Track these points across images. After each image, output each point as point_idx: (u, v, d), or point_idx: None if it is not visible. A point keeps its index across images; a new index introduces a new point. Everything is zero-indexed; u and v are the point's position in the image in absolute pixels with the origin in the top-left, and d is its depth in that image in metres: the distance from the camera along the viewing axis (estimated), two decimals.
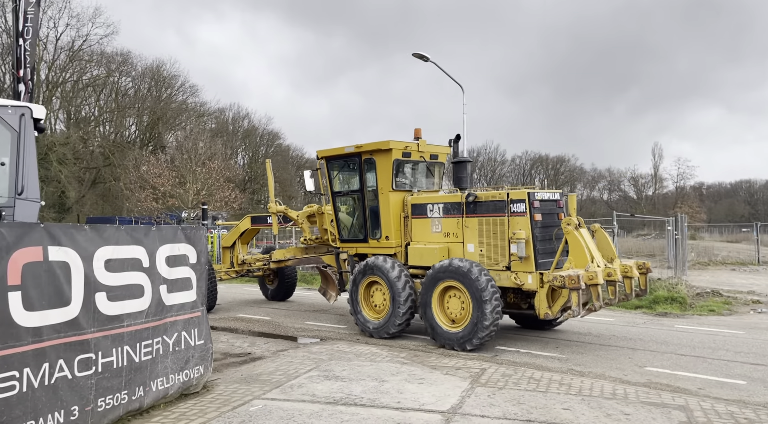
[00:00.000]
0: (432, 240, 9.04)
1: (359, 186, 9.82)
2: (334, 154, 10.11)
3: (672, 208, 65.04)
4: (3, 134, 5.15)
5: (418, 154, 9.74)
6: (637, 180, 76.92)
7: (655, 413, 5.20)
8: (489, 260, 8.34)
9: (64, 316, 4.53)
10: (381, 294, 9.14)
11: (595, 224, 8.69)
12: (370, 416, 5.14)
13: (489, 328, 7.67)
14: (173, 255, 5.76)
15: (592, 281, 7.22)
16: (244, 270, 13.27)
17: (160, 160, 28.65)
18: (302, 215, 11.74)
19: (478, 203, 8.48)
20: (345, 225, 10.34)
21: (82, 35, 43.30)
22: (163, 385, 5.49)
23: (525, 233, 7.86)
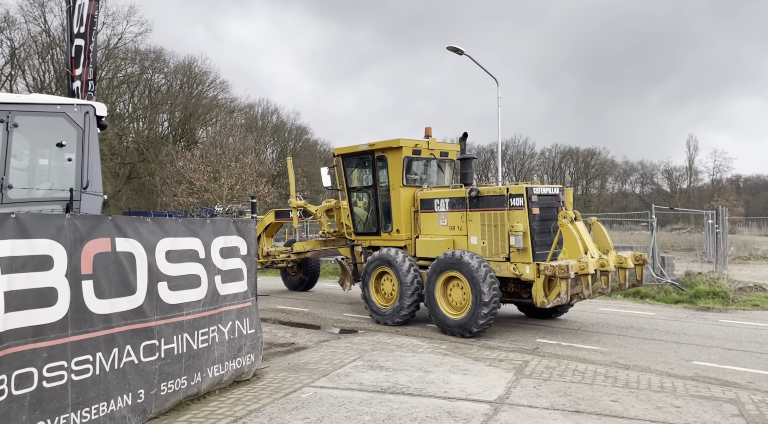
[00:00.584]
0: (439, 233, 9.52)
1: (372, 182, 10.36)
2: (349, 152, 10.70)
3: (708, 202, 63.42)
4: (69, 131, 5.40)
5: (428, 152, 10.23)
6: (671, 173, 75.20)
7: (705, 406, 5.19)
8: (490, 252, 8.76)
9: (130, 304, 4.76)
10: (390, 283, 9.67)
11: (592, 217, 9.06)
12: (419, 405, 5.26)
13: (488, 315, 8.13)
14: (226, 247, 5.96)
15: (583, 270, 7.61)
16: (269, 262, 13.88)
17: (195, 156, 29.19)
18: (320, 209, 12.21)
19: (480, 198, 8.90)
20: (359, 219, 10.89)
21: (117, 33, 44.32)
22: (218, 371, 5.70)
23: (523, 225, 8.27)
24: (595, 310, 11.10)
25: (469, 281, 8.28)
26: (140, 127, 51.73)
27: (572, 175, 78.44)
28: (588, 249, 8.00)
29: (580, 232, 8.07)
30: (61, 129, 5.45)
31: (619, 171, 79.97)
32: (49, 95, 6.20)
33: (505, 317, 10.28)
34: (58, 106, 5.46)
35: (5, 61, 41.18)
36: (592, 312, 10.83)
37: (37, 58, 42.86)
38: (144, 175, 45.91)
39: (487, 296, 8.09)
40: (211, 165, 28.05)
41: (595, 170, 77.74)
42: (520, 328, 9.29)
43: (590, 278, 7.75)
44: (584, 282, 7.75)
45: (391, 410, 5.11)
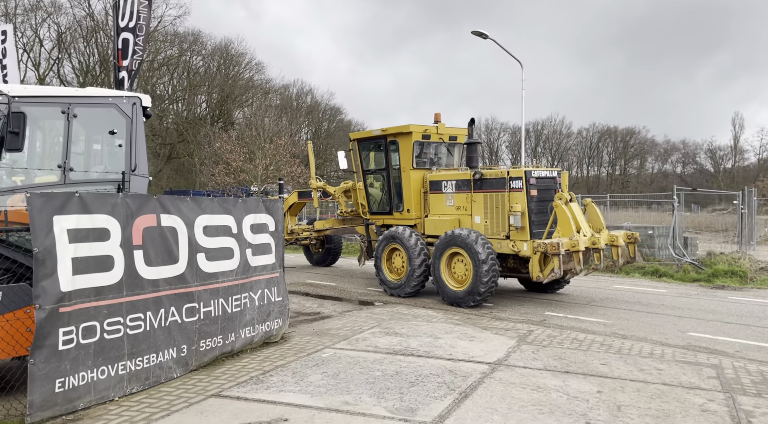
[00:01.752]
0: (446, 212, 10.26)
1: (385, 165, 11.05)
2: (363, 136, 11.52)
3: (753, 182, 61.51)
4: (119, 120, 6.16)
5: (438, 136, 10.86)
6: (714, 152, 72.84)
7: (686, 369, 5.68)
8: (492, 230, 9.44)
9: (174, 271, 5.52)
10: (400, 259, 10.44)
11: (587, 198, 9.65)
12: (425, 364, 5.91)
13: (487, 285, 8.83)
14: (256, 223, 6.68)
15: (574, 248, 8.27)
16: (293, 239, 14.74)
17: (231, 137, 30.23)
18: (339, 190, 12.99)
19: (483, 180, 9.55)
20: (374, 199, 11.65)
21: (156, 17, 45.56)
22: (249, 333, 6.47)
23: (521, 206, 8.92)
24: (609, 287, 11.50)
25: (470, 257, 8.96)
26: (179, 108, 53.34)
27: (610, 154, 76.91)
28: (581, 228, 8.60)
29: (574, 212, 8.66)
30: (112, 118, 6.22)
31: (659, 151, 77.95)
32: (102, 89, 6.96)
33: (517, 292, 10.81)
34: (110, 98, 6.23)
35: (53, 46, 43.02)
36: (606, 289, 11.24)
37: (82, 41, 44.60)
38: (183, 155, 47.56)
39: (486, 270, 8.76)
40: (246, 146, 29.03)
41: (635, 150, 75.95)
42: (531, 302, 9.81)
43: (581, 255, 8.36)
44: (576, 258, 8.36)
45: (399, 368, 5.78)
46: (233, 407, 4.68)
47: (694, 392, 4.99)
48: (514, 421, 4.36)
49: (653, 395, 4.91)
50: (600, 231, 9.08)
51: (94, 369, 4.72)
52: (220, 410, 4.62)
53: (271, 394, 5.00)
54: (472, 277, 8.95)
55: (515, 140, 75.95)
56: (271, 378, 5.46)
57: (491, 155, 73.94)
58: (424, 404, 4.72)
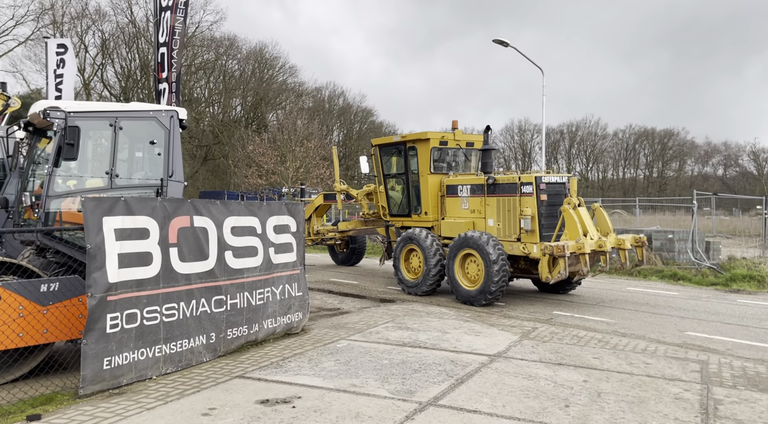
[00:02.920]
0: (461, 215, 10.76)
1: (404, 169, 11.62)
2: (384, 142, 12.18)
3: None
4: (159, 131, 6.91)
5: (455, 143, 11.41)
6: (758, 155, 70.67)
7: (673, 364, 6.08)
8: (504, 233, 9.92)
9: (204, 267, 6.22)
10: (417, 259, 10.96)
11: (595, 203, 10.02)
12: (430, 355, 6.45)
13: (498, 284, 9.28)
14: (279, 224, 7.34)
15: (580, 250, 8.65)
16: (319, 239, 15.43)
17: (264, 140, 31.26)
18: (361, 193, 13.65)
19: (496, 185, 10.03)
20: (394, 202, 12.21)
21: (194, 23, 47.21)
22: (272, 324, 7.13)
23: (531, 210, 9.38)
24: (622, 289, 11.80)
25: (482, 258, 9.45)
26: (215, 111, 55.05)
27: (647, 157, 75.57)
28: (587, 231, 8.97)
29: (581, 216, 9.04)
30: (152, 130, 6.96)
31: (699, 153, 76.10)
32: (144, 103, 7.72)
33: (529, 292, 11.22)
34: (151, 112, 6.98)
35: (97, 52, 45.06)
36: (618, 291, 11.54)
37: (125, 47, 46.59)
38: (218, 157, 49.11)
39: (496, 271, 9.24)
40: (278, 149, 29.98)
41: (673, 152, 74.35)
42: (541, 301, 10.22)
43: (587, 257, 8.75)
44: (582, 260, 8.76)
45: (406, 358, 6.34)
46: (254, 386, 5.33)
47: (673, 383, 5.40)
48: (501, 403, 4.88)
49: (634, 385, 5.34)
50: (607, 235, 9.43)
51: (135, 351, 5.44)
52: (243, 389, 5.27)
53: (288, 376, 5.63)
54: (484, 277, 9.43)
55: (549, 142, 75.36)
56: (290, 364, 6.09)
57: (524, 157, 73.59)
58: (423, 388, 5.27)
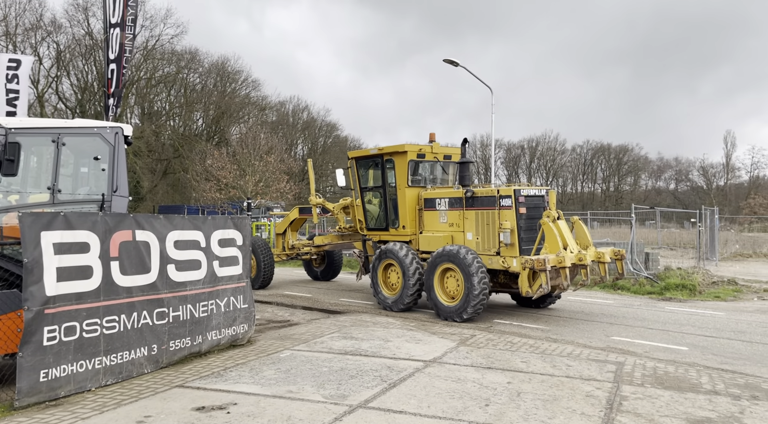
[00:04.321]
0: (439, 229, 10.60)
1: (381, 182, 11.46)
2: (361, 155, 11.94)
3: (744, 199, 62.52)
4: (103, 148, 7.05)
5: (432, 155, 11.28)
6: (706, 170, 73.90)
7: (592, 365, 6.51)
8: (483, 247, 9.77)
9: (146, 280, 6.37)
10: (395, 274, 10.76)
11: (574, 216, 9.95)
12: (369, 362, 6.73)
13: (478, 298, 9.10)
14: (224, 238, 7.53)
15: (560, 264, 8.52)
16: (294, 254, 15.27)
17: (223, 154, 31.20)
18: (337, 206, 13.47)
19: (475, 198, 9.90)
20: (371, 215, 12.04)
21: (155, 35, 46.89)
22: (216, 336, 7.29)
23: (510, 223, 9.27)
24: (563, 299, 12.32)
25: (462, 273, 9.26)
26: (176, 124, 54.51)
27: (604, 171, 78.16)
28: (567, 245, 8.89)
29: (561, 229, 8.95)
30: (97, 146, 7.11)
31: (653, 168, 79.20)
32: (88, 120, 7.83)
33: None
34: (95, 128, 7.13)
35: (51, 64, 44.13)
36: (559, 300, 12.04)
37: (81, 59, 45.81)
38: (179, 171, 48.54)
39: (477, 286, 9.06)
40: (237, 163, 29.97)
41: (628, 167, 77.18)
42: (485, 310, 10.61)
43: (568, 271, 8.65)
44: (563, 274, 8.65)
45: (345, 365, 6.59)
46: (192, 395, 5.50)
47: (588, 383, 5.82)
48: (426, 403, 5.19)
49: (552, 385, 5.74)
50: (587, 248, 9.35)
51: (74, 363, 5.54)
52: (180, 397, 5.43)
53: (227, 385, 5.82)
54: (464, 292, 9.23)
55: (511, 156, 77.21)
56: (230, 373, 6.27)
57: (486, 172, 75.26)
58: (356, 392, 5.54)
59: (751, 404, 5.26)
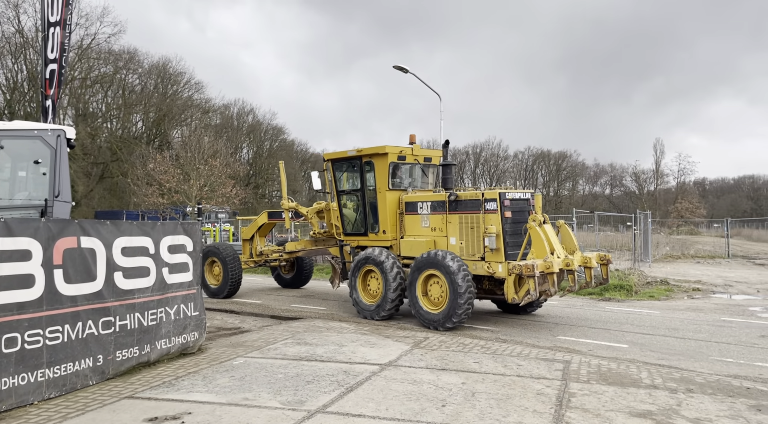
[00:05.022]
0: (421, 234, 10.20)
1: (360, 185, 11.03)
2: (338, 157, 11.40)
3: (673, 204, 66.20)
4: (44, 151, 6.73)
5: (413, 158, 10.92)
6: (639, 176, 77.79)
7: (541, 364, 6.77)
8: (467, 252, 9.44)
9: (92, 288, 6.13)
10: (376, 281, 10.31)
11: (560, 220, 9.72)
12: (325, 367, 6.72)
13: (463, 307, 8.72)
14: (174, 244, 7.34)
15: (548, 269, 8.28)
16: (262, 260, 14.51)
17: (165, 158, 30.27)
18: (312, 211, 12.91)
19: (459, 202, 9.58)
20: (348, 220, 11.55)
21: (90, 34, 44.99)
22: (166, 344, 7.09)
23: (496, 227, 8.96)
24: None
25: (446, 279, 8.90)
26: (113, 126, 52.40)
27: (544, 177, 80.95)
28: (554, 250, 8.62)
29: (548, 234, 8.70)
30: (37, 149, 6.78)
31: (589, 173, 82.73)
32: (29, 122, 7.45)
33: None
34: (36, 131, 6.80)
35: None
36: None
37: (11, 58, 43.34)
38: (117, 175, 46.67)
39: (462, 292, 8.67)
40: (181, 167, 29.16)
41: (567, 172, 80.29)
42: None
43: (556, 277, 8.37)
44: (550, 280, 8.35)
45: (300, 371, 6.56)
46: (143, 406, 5.33)
47: (538, 381, 6.05)
48: (384, 406, 5.25)
49: (505, 384, 5.93)
50: (573, 253, 9.13)
51: (15, 376, 5.26)
52: (131, 408, 5.25)
53: (180, 394, 5.67)
54: (448, 299, 8.88)
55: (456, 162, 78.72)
56: (182, 382, 6.12)
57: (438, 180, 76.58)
58: (314, 397, 5.53)
59: (687, 396, 5.61)
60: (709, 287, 14.82)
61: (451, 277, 8.84)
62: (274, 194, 69.12)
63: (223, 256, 13.28)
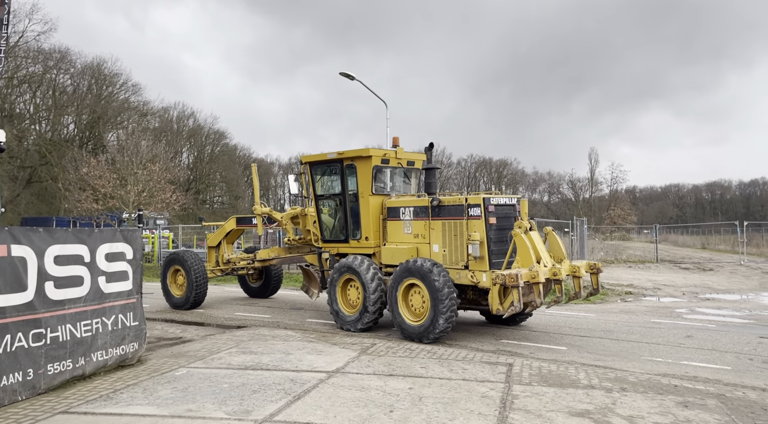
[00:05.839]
0: (404, 241, 9.69)
1: (341, 190, 10.45)
2: (317, 159, 10.79)
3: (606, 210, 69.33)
4: None
5: (396, 161, 10.43)
6: (575, 183, 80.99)
7: (486, 367, 6.94)
8: (451, 260, 8.93)
9: (22, 299, 5.82)
10: (356, 291, 9.80)
11: (547, 227, 9.27)
12: (271, 376, 6.62)
13: (446, 320, 8.25)
14: (112, 252, 7.06)
15: (534, 279, 7.81)
16: (229, 269, 13.79)
17: (101, 162, 28.97)
18: (286, 216, 12.30)
19: (442, 207, 9.10)
20: (327, 226, 10.99)
21: (18, 32, 42.61)
22: (102, 356, 6.79)
23: (480, 235, 8.46)
24: None
25: (428, 289, 8.43)
26: (42, 128, 49.70)
27: (486, 184, 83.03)
28: (541, 258, 8.17)
29: (534, 241, 8.26)
30: None
31: (529, 181, 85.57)
32: None
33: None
34: None
35: None
36: None
37: None
38: (46, 179, 44.27)
39: (444, 303, 8.22)
40: (117, 172, 28.01)
41: (508, 180, 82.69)
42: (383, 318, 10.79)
43: (542, 287, 7.92)
44: (536, 290, 7.88)
45: (246, 380, 6.43)
46: (80, 420, 5.09)
47: (483, 384, 6.20)
48: (332, 413, 5.23)
49: (451, 388, 6.04)
50: (561, 261, 8.71)
51: None
52: None
53: (119, 408, 5.45)
54: (430, 310, 8.40)
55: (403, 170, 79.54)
56: (121, 395, 5.88)
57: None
58: (260, 407, 5.44)
59: (621, 395, 5.90)
60: (640, 291, 15.63)
61: (432, 286, 8.38)
62: (216, 200, 67.49)
63: (187, 264, 12.52)
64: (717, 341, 8.84)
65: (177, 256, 12.91)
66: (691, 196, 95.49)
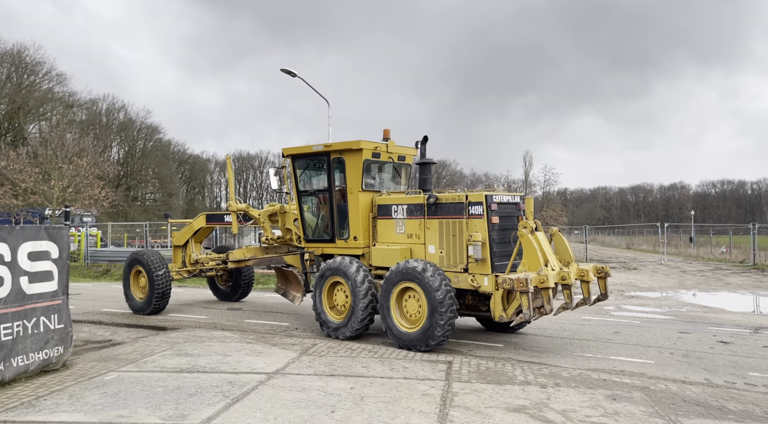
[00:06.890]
0: (396, 241, 9.03)
1: (327, 185, 9.63)
2: (301, 152, 9.92)
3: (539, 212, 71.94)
4: None
5: (387, 155, 9.70)
6: (510, 185, 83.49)
7: (426, 365, 7.04)
8: (448, 262, 8.33)
9: None
10: (343, 295, 9.02)
11: (553, 227, 8.79)
12: (208, 378, 6.43)
13: (444, 327, 7.64)
14: (35, 251, 6.65)
15: (543, 284, 7.26)
16: (196, 270, 12.90)
17: (21, 155, 27.18)
18: (264, 213, 11.53)
19: (438, 205, 8.45)
20: (310, 225, 10.20)
21: None
22: (23, 361, 6.38)
23: (482, 235, 7.83)
24: None
25: (424, 293, 7.78)
26: None
27: None
28: (549, 261, 7.65)
29: (541, 243, 7.72)
30: None
31: (467, 182, 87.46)
32: None
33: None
34: None
35: None
36: None
37: None
38: None
39: (443, 309, 7.60)
40: (40, 166, 26.37)
41: (446, 181, 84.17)
42: None
43: (551, 292, 7.38)
44: (545, 296, 7.32)
45: (182, 383, 6.22)
46: None
47: (423, 382, 6.28)
48: (273, 415, 5.14)
49: (392, 387, 6.08)
50: (569, 264, 8.15)
51: None
52: None
53: (42, 415, 5.13)
54: (427, 316, 7.74)
55: None
56: (45, 402, 5.54)
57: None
58: (197, 410, 5.27)
59: (555, 390, 6.13)
60: None
61: (429, 290, 7.72)
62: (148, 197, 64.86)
63: (147, 264, 11.55)
64: (641, 337, 9.36)
65: (138, 256, 11.92)
66: (618, 198, 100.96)
